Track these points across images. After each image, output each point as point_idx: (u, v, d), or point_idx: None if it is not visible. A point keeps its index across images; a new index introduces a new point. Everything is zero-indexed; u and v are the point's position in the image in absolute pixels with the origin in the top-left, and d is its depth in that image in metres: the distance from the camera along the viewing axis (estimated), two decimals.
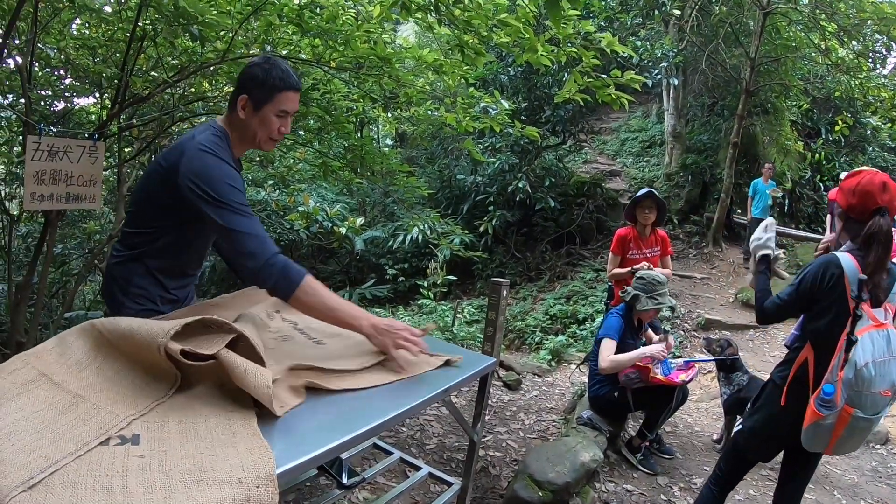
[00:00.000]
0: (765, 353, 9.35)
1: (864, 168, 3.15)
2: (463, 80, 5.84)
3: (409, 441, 4.92)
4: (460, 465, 4.68)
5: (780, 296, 3.16)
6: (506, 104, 6.08)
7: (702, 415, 7.02)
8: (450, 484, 3.25)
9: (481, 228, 13.57)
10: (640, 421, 5.29)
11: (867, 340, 2.78)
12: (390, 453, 3.52)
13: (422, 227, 8.00)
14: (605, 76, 4.89)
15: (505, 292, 6.56)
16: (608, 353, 4.75)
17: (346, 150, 6.73)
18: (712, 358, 5.63)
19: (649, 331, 5.42)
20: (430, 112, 6.16)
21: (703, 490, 3.62)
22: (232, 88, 3.04)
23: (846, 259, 2.93)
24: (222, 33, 4.80)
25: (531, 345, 10.63)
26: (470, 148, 6.16)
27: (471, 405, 5.91)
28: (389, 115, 7.41)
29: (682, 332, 10.18)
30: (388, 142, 19.90)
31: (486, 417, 5.72)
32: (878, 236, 2.86)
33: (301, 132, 6.75)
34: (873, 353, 2.76)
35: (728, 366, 5.52)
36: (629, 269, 5.42)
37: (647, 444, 5.11)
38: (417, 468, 3.42)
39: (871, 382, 2.75)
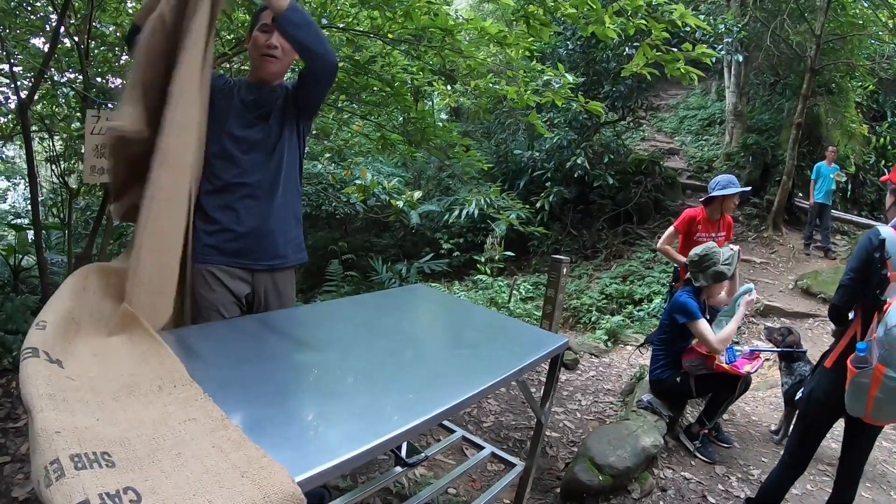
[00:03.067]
0: (824, 342, 8.91)
1: None
2: (527, 53, 5.71)
3: (466, 418, 4.88)
4: (517, 444, 4.64)
5: (841, 283, 3.25)
6: (569, 77, 5.95)
7: (759, 404, 6.82)
8: (513, 465, 3.21)
9: (538, 205, 13.46)
10: (700, 407, 5.18)
11: None
12: (452, 431, 3.48)
13: (480, 201, 7.93)
14: (675, 49, 4.75)
15: (565, 269, 6.54)
16: (710, 334, 4.60)
17: (405, 122, 6.66)
18: (778, 349, 5.47)
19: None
20: (491, 85, 6.05)
21: (776, 465, 3.68)
22: None
23: (886, 230, 3.04)
24: None
25: (586, 324, 10.49)
26: (535, 121, 6.03)
27: (528, 384, 5.85)
28: (449, 88, 7.32)
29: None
30: (444, 116, 19.78)
31: None
32: None
33: (355, 105, 6.70)
34: None
35: (791, 356, 5.38)
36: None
37: (706, 431, 4.98)
38: (479, 447, 3.38)
39: None
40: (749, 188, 5.73)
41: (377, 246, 14.41)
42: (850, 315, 3.27)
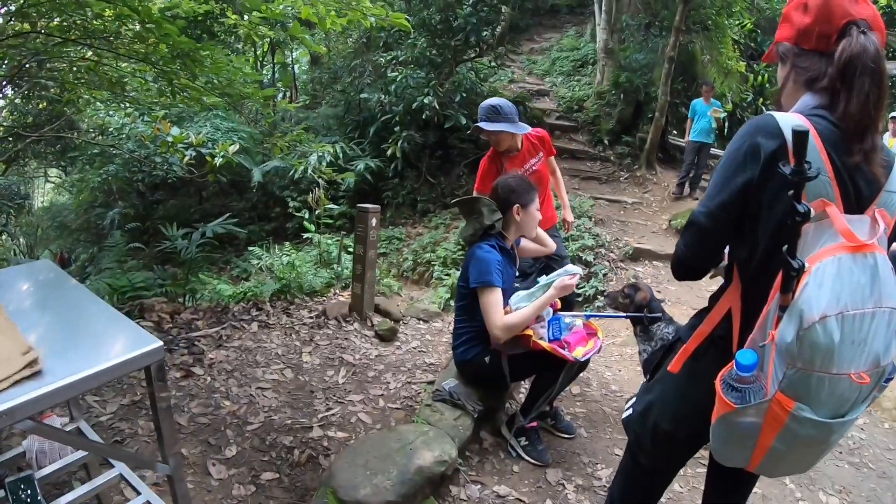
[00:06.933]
0: (702, 289, 7.78)
1: None
2: None
3: (229, 419, 3.69)
4: (284, 452, 3.45)
5: (694, 218, 1.78)
6: None
7: (624, 365, 5.71)
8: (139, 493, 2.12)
9: (388, 152, 12.48)
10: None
11: (831, 270, 1.44)
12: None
13: (320, 154, 7.59)
14: None
15: (374, 221, 5.41)
16: (498, 314, 3.39)
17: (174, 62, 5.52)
18: (625, 314, 4.29)
19: (522, 243, 4.08)
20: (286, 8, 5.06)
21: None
22: None
23: (790, 122, 1.58)
24: None
25: (439, 279, 9.40)
26: (298, 34, 5.02)
27: (325, 364, 4.72)
28: (246, 19, 6.23)
29: (608, 264, 8.98)
30: (305, 66, 19.03)
31: (341, 381, 4.48)
32: (862, 60, 1.55)
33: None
34: (841, 295, 1.42)
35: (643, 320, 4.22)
36: None
37: (533, 424, 3.80)
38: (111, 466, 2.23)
39: (833, 355, 1.43)
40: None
41: (233, 210, 13.48)
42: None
